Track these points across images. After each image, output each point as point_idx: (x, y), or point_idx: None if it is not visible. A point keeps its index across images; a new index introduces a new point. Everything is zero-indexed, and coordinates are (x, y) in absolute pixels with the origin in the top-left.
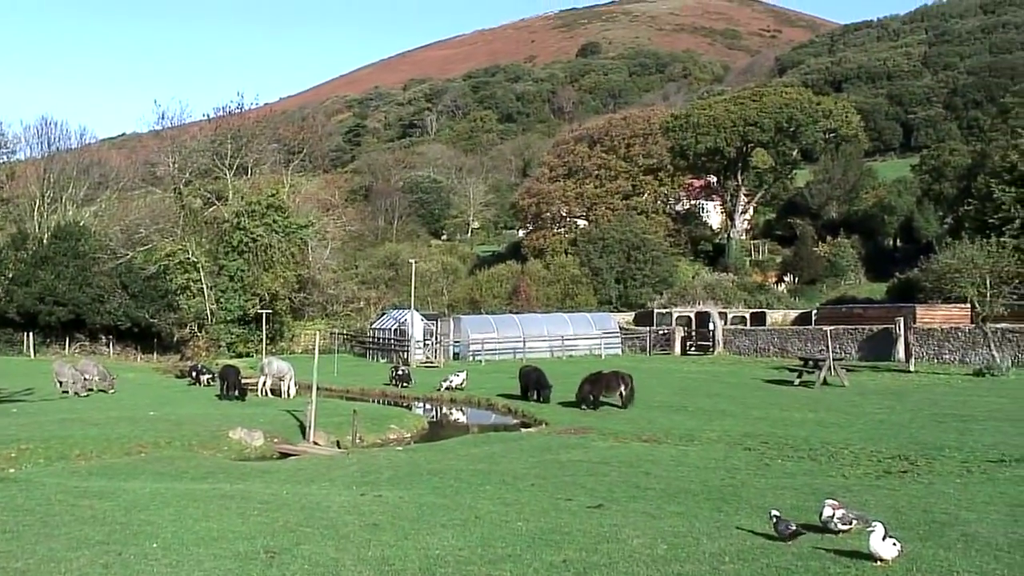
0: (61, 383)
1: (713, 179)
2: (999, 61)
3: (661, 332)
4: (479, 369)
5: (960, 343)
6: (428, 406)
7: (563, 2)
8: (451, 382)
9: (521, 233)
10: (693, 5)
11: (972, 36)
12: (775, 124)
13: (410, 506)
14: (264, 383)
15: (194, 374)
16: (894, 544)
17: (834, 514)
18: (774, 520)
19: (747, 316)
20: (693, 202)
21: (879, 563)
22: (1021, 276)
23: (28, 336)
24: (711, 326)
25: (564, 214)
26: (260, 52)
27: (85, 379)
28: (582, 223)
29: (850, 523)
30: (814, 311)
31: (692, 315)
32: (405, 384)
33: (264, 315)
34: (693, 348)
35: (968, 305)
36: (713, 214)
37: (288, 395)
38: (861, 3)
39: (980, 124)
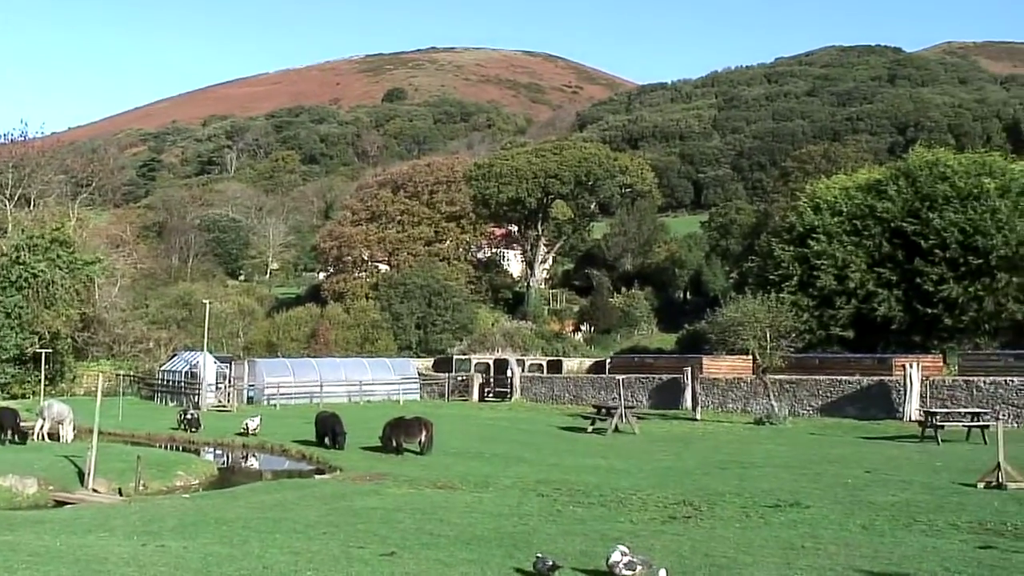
0: None
1: (514, 228)
2: (781, 128)
3: (460, 378)
4: (274, 414)
5: (742, 393)
6: (219, 452)
7: (369, 47)
8: (245, 427)
9: (321, 276)
10: (499, 58)
11: (757, 103)
12: (575, 177)
13: (194, 556)
14: (42, 427)
15: None
16: None
17: (620, 560)
18: (534, 559)
19: (544, 364)
20: (494, 250)
21: None
22: (797, 330)
23: None
24: (509, 373)
25: (366, 258)
26: (47, 79)
27: None
28: (384, 268)
29: (635, 568)
30: (608, 360)
31: (491, 362)
32: (194, 429)
33: (43, 355)
34: (491, 395)
35: (750, 357)
36: (514, 263)
37: (66, 439)
38: (657, 66)
39: (764, 185)
